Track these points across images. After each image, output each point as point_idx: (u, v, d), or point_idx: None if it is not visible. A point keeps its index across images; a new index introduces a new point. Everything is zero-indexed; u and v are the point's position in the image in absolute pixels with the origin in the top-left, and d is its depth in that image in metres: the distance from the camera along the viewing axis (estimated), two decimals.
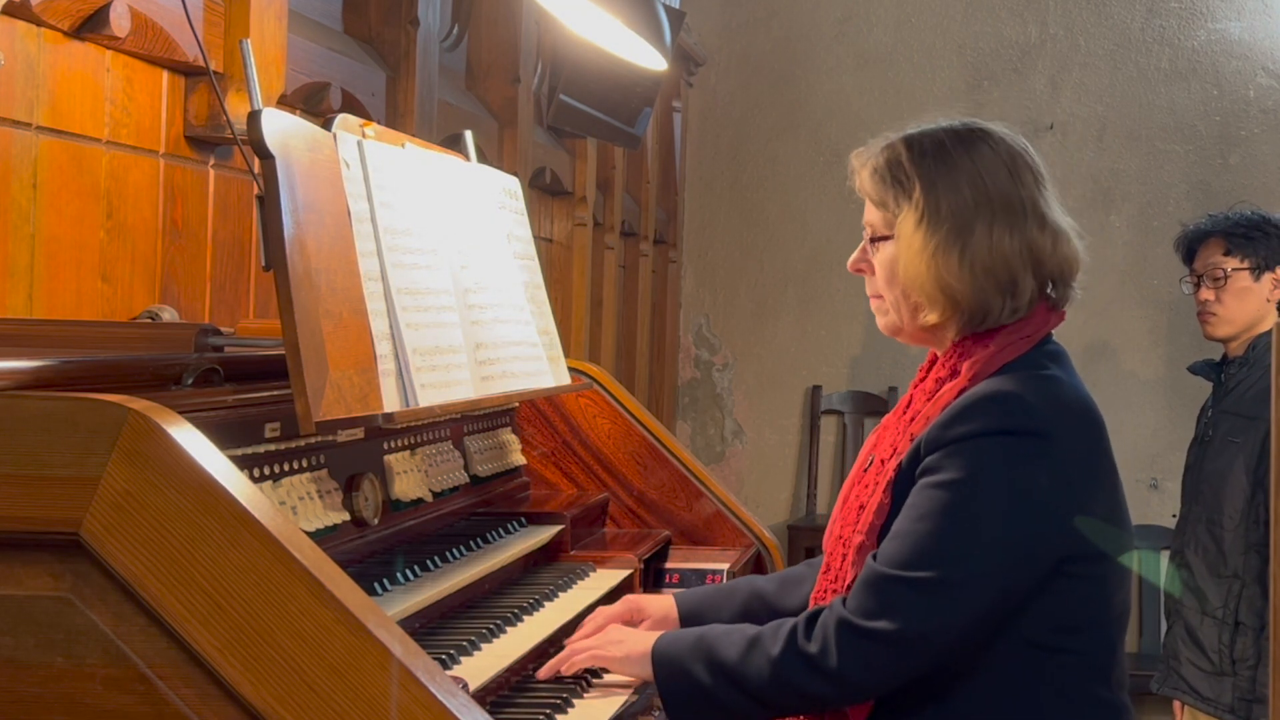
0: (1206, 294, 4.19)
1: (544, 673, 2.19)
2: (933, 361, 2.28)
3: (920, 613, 2.03)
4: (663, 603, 2.43)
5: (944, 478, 2.06)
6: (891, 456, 2.17)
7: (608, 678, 2.24)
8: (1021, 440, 2.06)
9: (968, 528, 2.04)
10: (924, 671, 2.07)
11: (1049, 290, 2.20)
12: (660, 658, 2.16)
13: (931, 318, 2.16)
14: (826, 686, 2.06)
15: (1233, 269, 4.16)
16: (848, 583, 2.14)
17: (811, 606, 2.18)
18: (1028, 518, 2.05)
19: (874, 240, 2.22)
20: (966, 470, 2.05)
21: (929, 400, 2.18)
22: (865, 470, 2.25)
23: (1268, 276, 4.16)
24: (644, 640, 2.19)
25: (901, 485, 2.12)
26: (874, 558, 2.09)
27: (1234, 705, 3.98)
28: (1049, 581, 2.08)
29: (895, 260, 2.18)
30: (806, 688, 2.07)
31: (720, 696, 2.11)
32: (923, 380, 2.27)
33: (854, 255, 2.27)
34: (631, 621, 2.36)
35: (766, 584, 2.46)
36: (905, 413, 2.24)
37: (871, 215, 2.23)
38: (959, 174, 2.16)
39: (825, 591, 2.21)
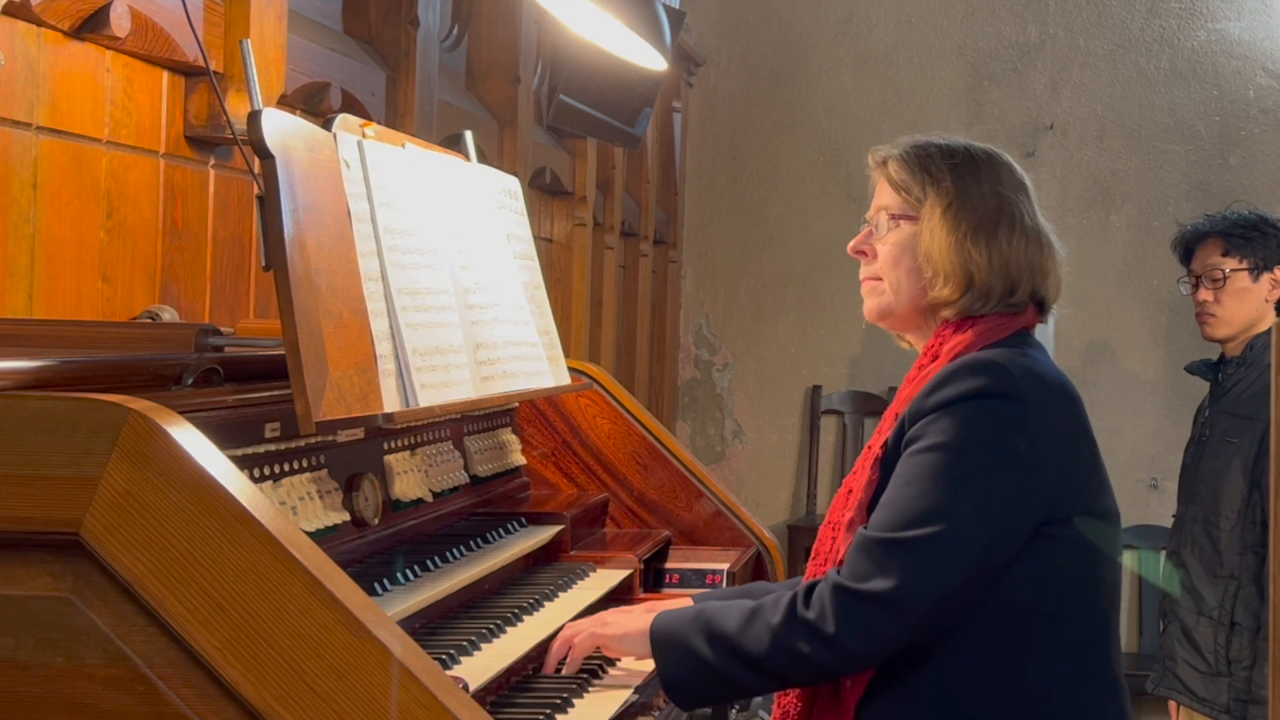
0: (1205, 294, 4.18)
1: (548, 666, 2.21)
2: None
3: (912, 572, 2.08)
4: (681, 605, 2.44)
5: (927, 443, 2.13)
6: (878, 438, 2.24)
7: (608, 677, 2.24)
8: (999, 402, 2.14)
9: (952, 487, 2.11)
10: (919, 636, 2.11)
11: (1034, 304, 2.32)
12: (659, 632, 2.19)
13: (944, 293, 2.26)
14: (825, 652, 2.10)
15: (1231, 269, 4.16)
16: (839, 559, 2.17)
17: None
18: (1009, 475, 2.13)
19: (891, 218, 2.30)
20: (948, 434, 2.12)
21: (911, 385, 2.26)
22: (858, 473, 2.29)
23: (1266, 277, 4.15)
24: (641, 619, 2.23)
25: (889, 462, 2.19)
26: (864, 528, 2.15)
27: (1230, 706, 3.98)
28: (1032, 545, 2.14)
29: (913, 239, 2.28)
30: (806, 654, 2.10)
31: (719, 668, 2.14)
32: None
33: (856, 239, 2.37)
34: None
35: (783, 589, 2.48)
36: (892, 408, 2.29)
37: (888, 199, 2.33)
38: (983, 178, 2.30)
39: (814, 574, 2.24)
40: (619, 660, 2.31)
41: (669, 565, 2.98)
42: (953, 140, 2.35)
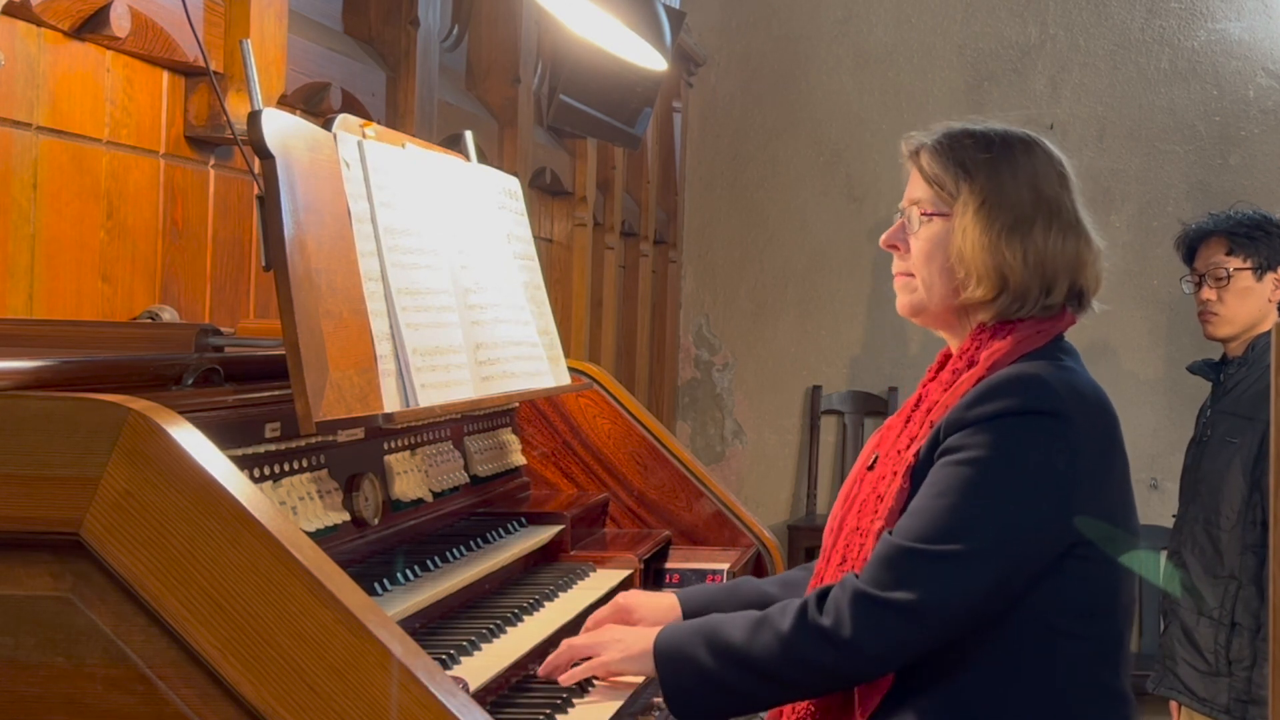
0: (1208, 293, 4.18)
1: (544, 671, 2.19)
2: (943, 360, 2.31)
3: (938, 584, 2.06)
4: (661, 602, 2.42)
5: (964, 456, 2.10)
6: (910, 445, 2.20)
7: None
8: (1041, 421, 2.11)
9: (986, 503, 2.08)
10: (936, 645, 2.09)
11: (1073, 299, 2.27)
12: (662, 648, 2.15)
13: (977, 294, 2.21)
14: (840, 659, 2.07)
15: (1235, 269, 4.16)
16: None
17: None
18: (1044, 496, 2.10)
19: (923, 215, 2.26)
20: (986, 448, 2.09)
21: (946, 391, 2.22)
22: (869, 468, 2.27)
23: (1269, 277, 4.15)
24: (644, 636, 2.19)
25: (921, 471, 2.15)
26: (890, 534, 2.11)
27: (1229, 706, 3.98)
28: (1062, 563, 2.12)
29: (946, 236, 2.23)
30: (819, 660, 2.08)
31: (726, 680, 2.11)
32: (934, 377, 2.30)
33: (889, 231, 2.32)
34: (624, 622, 2.35)
35: (769, 585, 2.47)
36: (919, 407, 2.27)
37: (921, 192, 2.27)
38: (1020, 170, 2.24)
39: (838, 580, 2.21)
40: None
41: (669, 565, 2.97)
42: (989, 127, 2.28)
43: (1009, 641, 2.12)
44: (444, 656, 1.99)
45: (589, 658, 2.20)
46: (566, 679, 2.17)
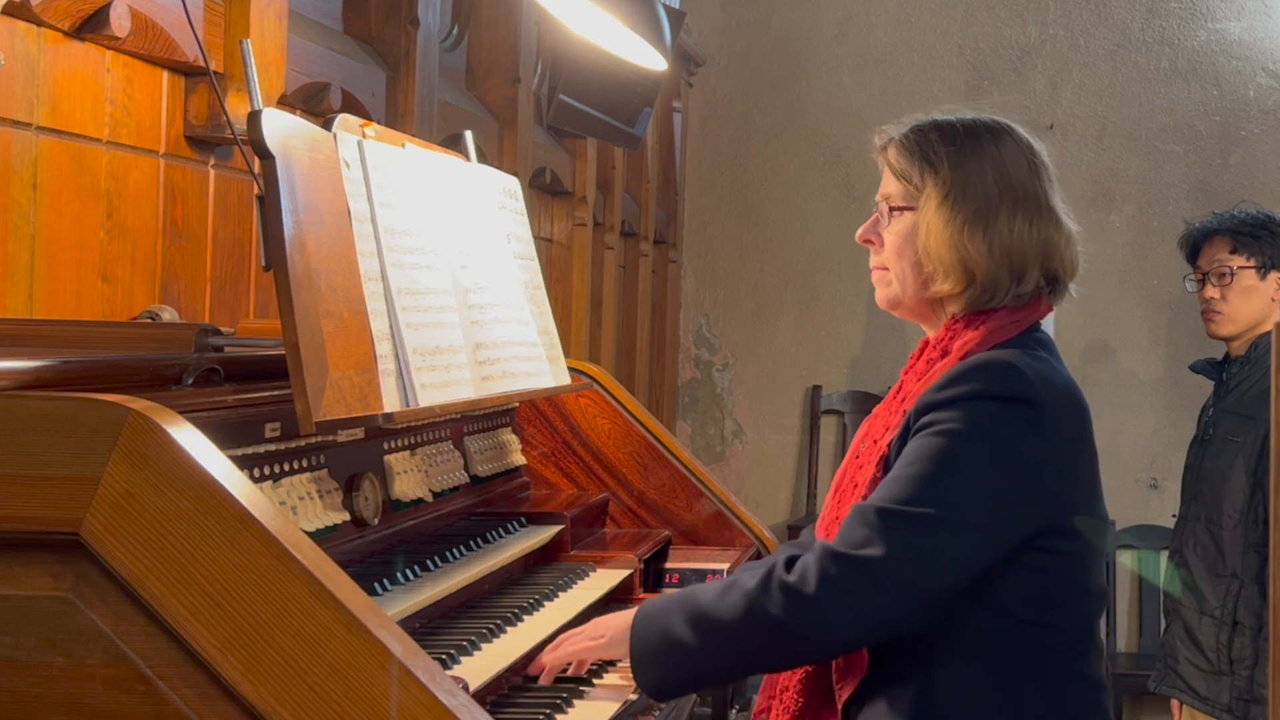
0: (1211, 292, 4.18)
1: (535, 668, 2.19)
2: (923, 348, 2.32)
3: (907, 544, 2.05)
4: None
5: (937, 429, 2.10)
6: (885, 434, 2.21)
7: (608, 678, 2.24)
8: (1011, 406, 2.12)
9: (957, 473, 2.08)
10: (896, 617, 2.07)
11: (1048, 284, 2.27)
12: (640, 616, 2.15)
13: (945, 287, 2.22)
14: (800, 616, 2.04)
15: (1239, 267, 4.16)
16: None
17: None
18: (1012, 477, 2.10)
19: (892, 210, 2.26)
20: (958, 423, 2.10)
21: (920, 381, 2.22)
22: (857, 457, 2.28)
23: (1273, 276, 4.15)
24: (625, 617, 2.18)
25: (893, 460, 2.16)
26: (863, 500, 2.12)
27: (1231, 705, 3.98)
28: (1027, 556, 2.12)
29: (914, 231, 2.24)
30: (780, 618, 2.04)
31: (689, 643, 2.08)
32: (913, 365, 2.30)
33: (864, 226, 2.33)
34: None
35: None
36: (896, 395, 2.28)
37: (891, 187, 2.28)
38: (985, 160, 2.24)
39: None
40: (619, 661, 2.30)
41: (669, 565, 2.97)
42: (958, 118, 2.28)
43: (978, 633, 2.13)
44: (444, 656, 1.99)
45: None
46: (546, 679, 2.17)
